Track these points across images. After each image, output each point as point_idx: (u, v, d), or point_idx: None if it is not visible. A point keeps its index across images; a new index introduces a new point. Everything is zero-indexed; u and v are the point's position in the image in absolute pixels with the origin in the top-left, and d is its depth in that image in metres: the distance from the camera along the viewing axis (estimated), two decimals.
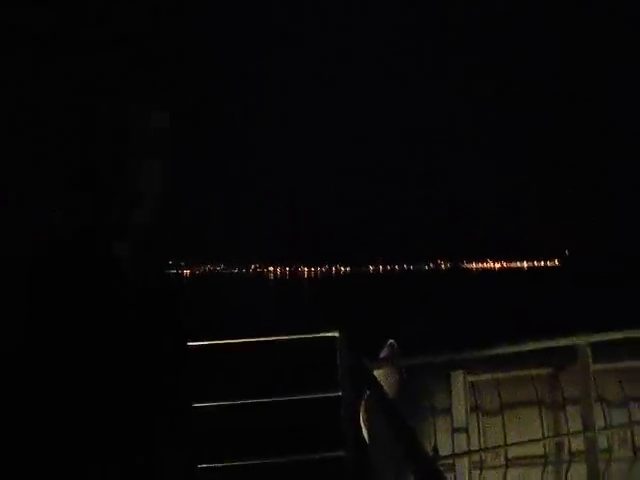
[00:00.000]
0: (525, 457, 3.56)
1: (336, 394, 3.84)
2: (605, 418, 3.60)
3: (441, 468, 3.41)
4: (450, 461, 3.37)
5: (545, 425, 3.59)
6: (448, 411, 3.42)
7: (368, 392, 2.23)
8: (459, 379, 3.35)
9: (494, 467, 3.54)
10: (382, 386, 2.22)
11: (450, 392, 3.39)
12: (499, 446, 3.39)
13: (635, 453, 3.69)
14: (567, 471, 3.61)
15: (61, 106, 1.04)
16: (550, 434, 3.55)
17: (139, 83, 1.10)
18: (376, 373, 3.61)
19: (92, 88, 1.06)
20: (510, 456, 3.53)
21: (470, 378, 3.43)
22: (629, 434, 3.68)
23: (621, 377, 3.77)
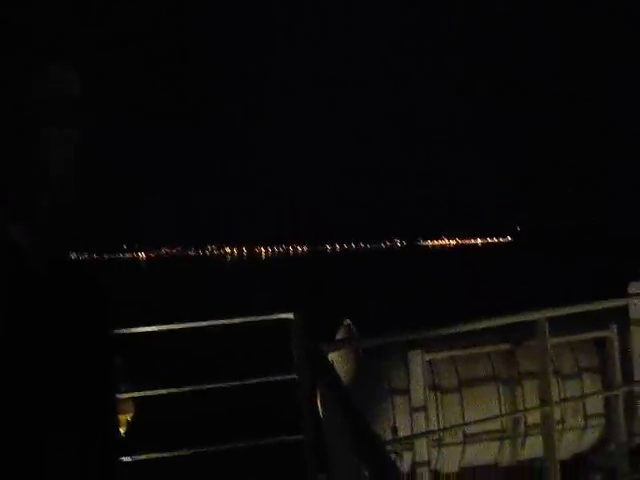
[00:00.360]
0: (483, 433, 3.56)
1: (292, 377, 3.75)
2: (560, 390, 3.63)
3: (400, 448, 3.38)
4: (409, 441, 3.34)
5: (502, 400, 3.60)
6: (406, 391, 3.38)
7: (322, 375, 2.15)
8: (417, 358, 3.30)
9: (452, 444, 3.53)
10: (335, 369, 2.14)
11: (408, 371, 3.34)
12: (458, 425, 3.38)
13: (586, 422, 3.75)
14: (523, 444, 3.64)
15: None
16: (507, 409, 3.56)
17: (38, 40, 0.94)
18: (333, 355, 3.54)
19: None
20: (468, 432, 3.52)
21: (427, 357, 3.39)
22: (581, 405, 3.73)
23: (574, 349, 3.81)
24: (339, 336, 3.70)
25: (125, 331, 3.45)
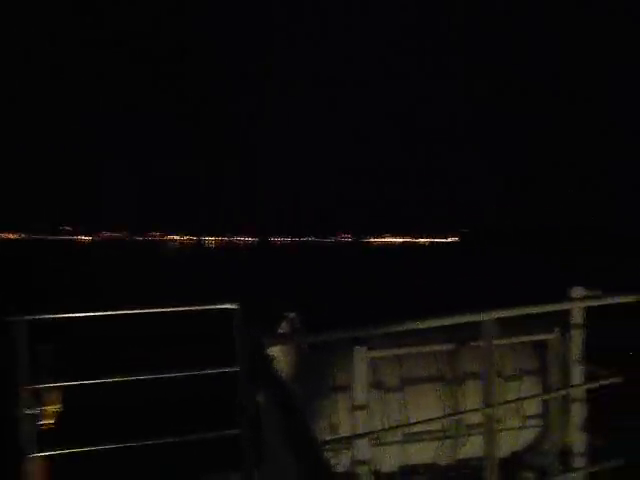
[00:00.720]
0: (424, 432, 3.54)
1: (233, 370, 3.64)
2: (501, 391, 3.65)
3: (340, 446, 3.32)
4: (350, 439, 3.29)
5: (445, 400, 3.59)
6: (349, 388, 3.31)
7: (262, 369, 2.07)
8: (360, 355, 3.24)
9: (393, 443, 3.49)
10: (274, 363, 2.05)
11: (351, 369, 3.27)
12: (400, 425, 3.34)
13: (524, 422, 3.80)
14: (463, 443, 3.65)
15: None
16: (449, 409, 3.56)
17: None
18: (275, 349, 3.44)
19: None
20: (409, 431, 3.50)
21: (372, 354, 3.34)
22: (520, 406, 3.77)
23: (516, 351, 3.84)
24: (283, 330, 3.60)
25: (56, 317, 3.26)
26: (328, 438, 3.32)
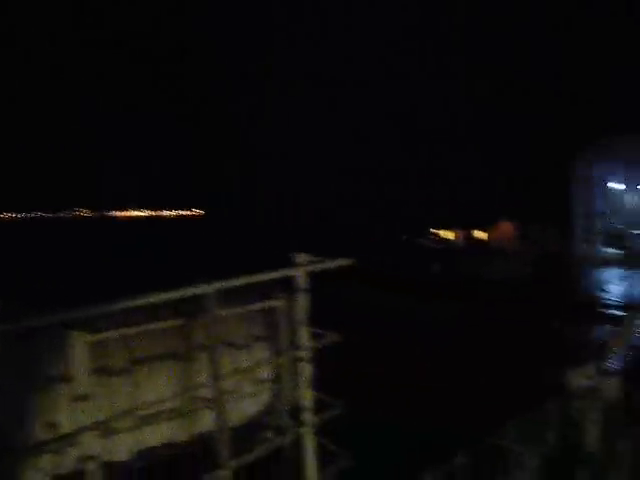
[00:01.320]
0: (158, 413, 3.39)
1: None
2: (233, 361, 3.69)
3: (62, 445, 2.97)
4: (74, 434, 2.96)
5: (177, 377, 3.48)
6: (69, 378, 2.97)
7: None
8: (80, 339, 2.92)
9: (125, 430, 3.26)
10: None
11: (70, 356, 2.94)
12: (130, 410, 3.13)
13: (258, 388, 3.92)
14: (199, 417, 3.60)
15: None
16: (182, 385, 3.47)
17: None
18: None
19: None
20: (142, 415, 3.31)
21: (94, 337, 3.04)
22: (254, 372, 3.87)
23: (246, 320, 3.92)
24: None
25: None
26: (47, 438, 2.94)
